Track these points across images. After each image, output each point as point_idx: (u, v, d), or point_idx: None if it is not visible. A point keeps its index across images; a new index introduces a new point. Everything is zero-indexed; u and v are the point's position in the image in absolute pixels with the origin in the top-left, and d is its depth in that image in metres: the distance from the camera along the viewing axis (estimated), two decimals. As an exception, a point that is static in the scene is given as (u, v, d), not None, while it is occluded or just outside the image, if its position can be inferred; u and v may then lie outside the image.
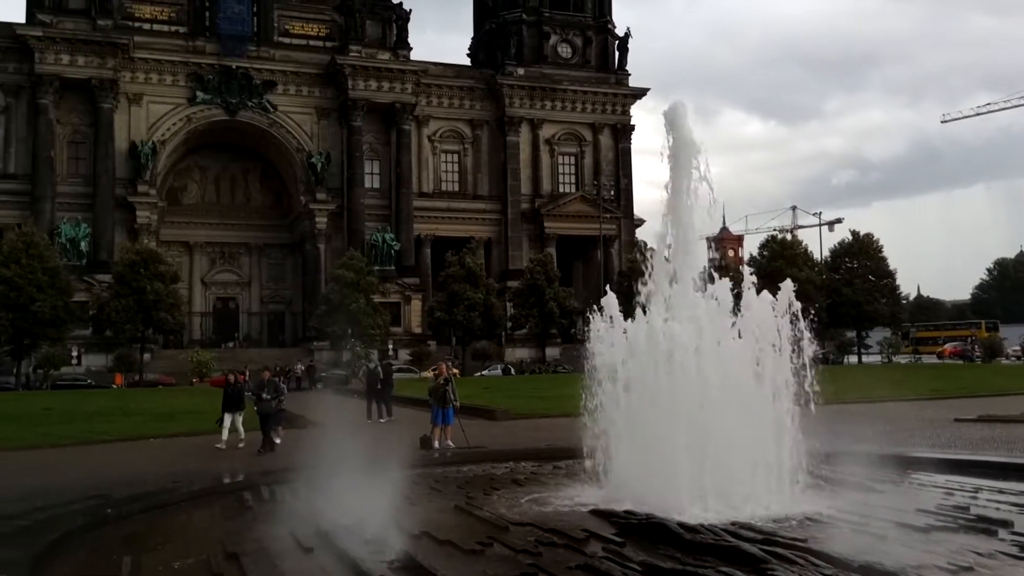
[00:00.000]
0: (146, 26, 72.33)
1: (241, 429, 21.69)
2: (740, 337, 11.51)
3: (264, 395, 21.30)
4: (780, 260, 74.48)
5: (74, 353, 62.65)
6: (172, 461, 19.05)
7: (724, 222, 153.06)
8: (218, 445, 20.92)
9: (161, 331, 64.07)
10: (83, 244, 67.17)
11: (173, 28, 73.28)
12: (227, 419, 21.46)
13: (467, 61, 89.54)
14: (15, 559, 8.99)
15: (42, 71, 67.44)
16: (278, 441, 21.33)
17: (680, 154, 12.73)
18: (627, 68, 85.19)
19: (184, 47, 73.12)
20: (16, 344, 57.30)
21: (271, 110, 74.74)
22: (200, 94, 72.88)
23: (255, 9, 74.59)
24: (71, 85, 68.61)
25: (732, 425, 11.05)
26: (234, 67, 73.25)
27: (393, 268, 73.92)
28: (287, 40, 76.10)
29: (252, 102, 74.01)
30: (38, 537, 10.06)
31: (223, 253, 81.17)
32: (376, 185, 77.09)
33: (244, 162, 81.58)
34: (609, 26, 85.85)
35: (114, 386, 57.80)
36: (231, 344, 75.36)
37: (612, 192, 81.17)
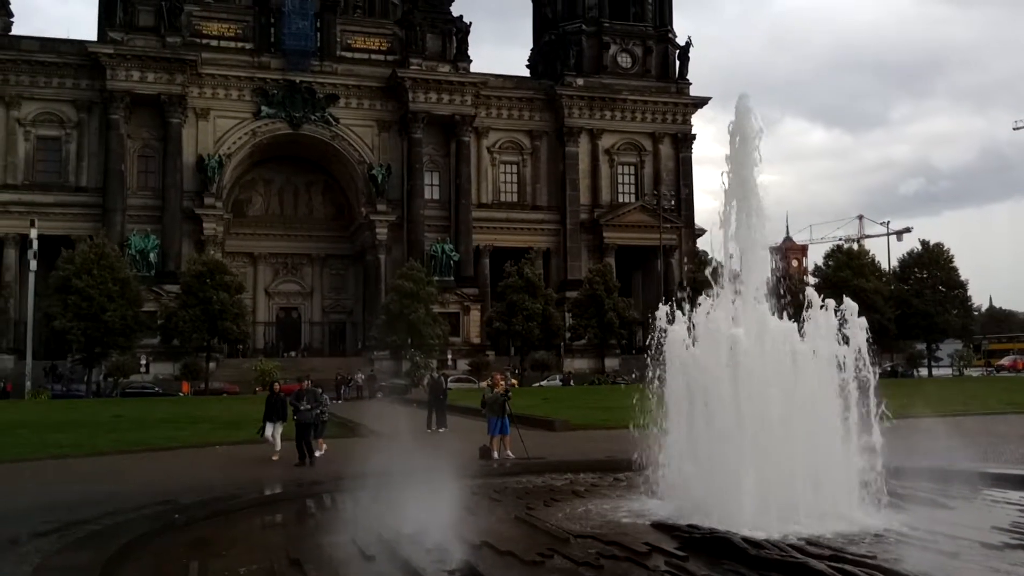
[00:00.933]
0: (213, 42, 74.16)
1: (278, 440, 21.03)
2: (807, 349, 11.29)
3: (302, 405, 20.56)
4: (846, 270, 73.05)
5: (143, 361, 64.25)
6: (236, 468, 19.38)
7: (787, 232, 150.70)
8: (273, 457, 20.59)
9: (226, 340, 65.35)
10: (152, 255, 68.97)
11: (239, 44, 74.99)
12: (269, 428, 20.94)
13: (526, 73, 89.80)
14: (87, 563, 9.23)
15: (113, 87, 69.57)
16: (318, 453, 20.85)
17: (742, 162, 12.56)
18: (687, 77, 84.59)
19: (250, 63, 74.74)
20: (88, 352, 59.02)
21: (333, 123, 75.92)
22: (265, 108, 74.41)
23: (318, 24, 75.94)
24: (141, 101, 70.63)
25: (798, 438, 10.84)
26: (298, 81, 74.64)
27: (452, 278, 74.35)
28: (349, 54, 77.28)
29: (315, 116, 75.28)
30: (109, 541, 10.31)
31: (286, 264, 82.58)
32: (436, 196, 77.70)
33: (307, 174, 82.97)
34: (670, 35, 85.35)
35: (181, 394, 59.08)
36: (293, 353, 76.54)
37: (672, 202, 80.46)
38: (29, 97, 70.28)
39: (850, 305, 11.38)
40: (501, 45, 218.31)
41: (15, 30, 77.69)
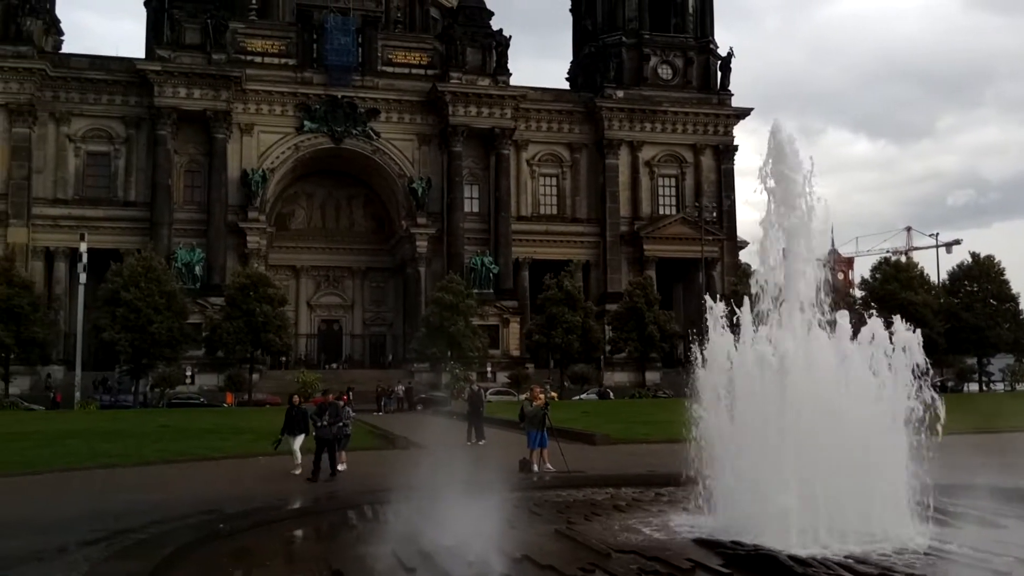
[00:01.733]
0: (257, 59, 75.36)
1: (298, 453, 20.49)
2: (855, 363, 11.11)
3: (322, 420, 19.90)
4: (894, 283, 71.87)
5: (188, 372, 65.22)
6: (278, 479, 19.55)
7: (833, 243, 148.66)
8: (294, 471, 20.12)
9: (269, 352, 66.10)
10: (197, 268, 70.07)
11: (283, 60, 76.11)
12: (291, 441, 20.46)
13: (565, 86, 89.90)
14: (134, 571, 9.35)
15: (161, 104, 70.97)
16: (341, 467, 20.49)
17: (786, 174, 12.42)
18: (729, 88, 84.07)
19: (293, 78, 75.82)
20: (135, 364, 60.06)
21: (374, 137, 76.66)
22: (307, 123, 75.37)
23: (360, 40, 76.84)
24: (187, 117, 71.96)
25: (846, 454, 10.66)
26: (340, 96, 75.53)
27: (492, 291, 74.48)
28: (390, 69, 78.04)
29: (356, 130, 76.09)
30: (155, 550, 10.45)
31: (328, 277, 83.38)
32: (475, 209, 78.00)
33: (348, 188, 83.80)
34: (711, 46, 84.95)
35: (225, 405, 59.82)
36: (334, 365, 77.14)
37: (714, 214, 79.84)
38: (79, 114, 71.94)
39: (899, 320, 11.21)
40: (540, 59, 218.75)
41: (65, 48, 79.87)
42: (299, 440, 20.47)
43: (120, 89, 72.45)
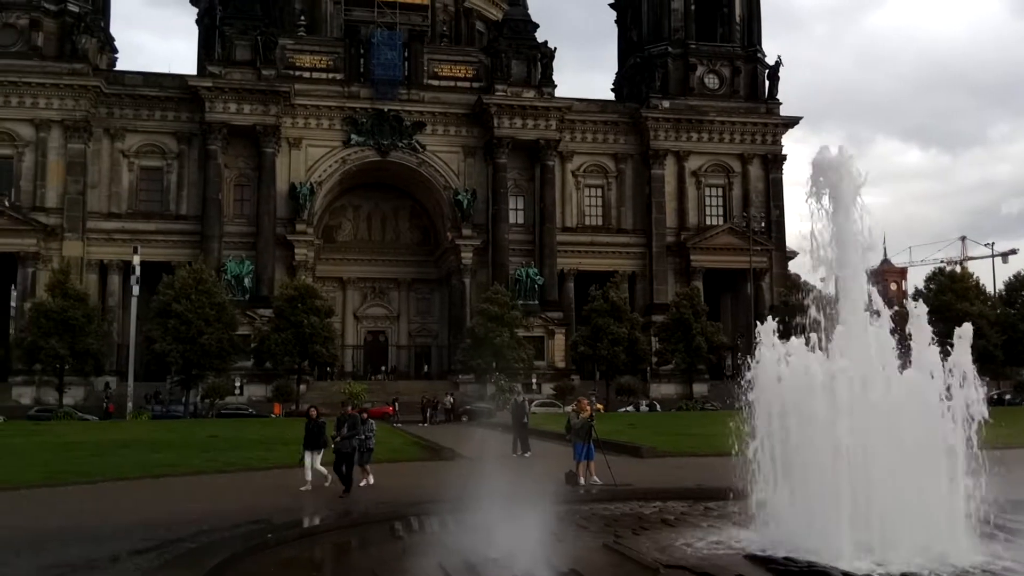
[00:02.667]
0: (305, 74, 76.41)
1: (322, 468, 19.77)
2: (908, 375, 10.84)
3: (340, 433, 19.24)
4: (949, 294, 70.31)
5: (237, 383, 66.07)
6: (325, 489, 19.65)
7: (885, 254, 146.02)
8: (303, 487, 19.38)
9: (316, 363, 66.72)
10: (246, 280, 71.04)
11: (330, 75, 77.09)
12: (307, 458, 19.67)
13: (610, 97, 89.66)
14: (183, 580, 9.44)
15: (212, 119, 72.29)
16: (362, 484, 19.84)
17: (837, 185, 12.22)
18: (777, 97, 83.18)
19: (340, 93, 76.73)
20: (185, 374, 61.03)
21: (420, 150, 77.21)
22: (354, 136, 76.19)
23: (406, 54, 77.55)
24: (237, 131, 73.17)
25: (901, 468, 10.40)
26: (386, 110, 76.24)
27: (536, 302, 74.39)
28: (436, 82, 78.60)
29: (402, 143, 76.72)
30: (205, 559, 10.55)
31: (374, 288, 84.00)
32: (520, 220, 78.06)
33: (394, 200, 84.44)
34: (758, 55, 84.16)
35: (273, 415, 60.43)
36: (380, 376, 77.63)
37: (762, 224, 78.87)
38: (133, 130, 73.57)
39: (966, 331, 10.92)
40: (584, 71, 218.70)
41: (119, 66, 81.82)
42: (316, 456, 19.79)
43: (172, 105, 73.96)
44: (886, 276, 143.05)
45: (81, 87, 70.66)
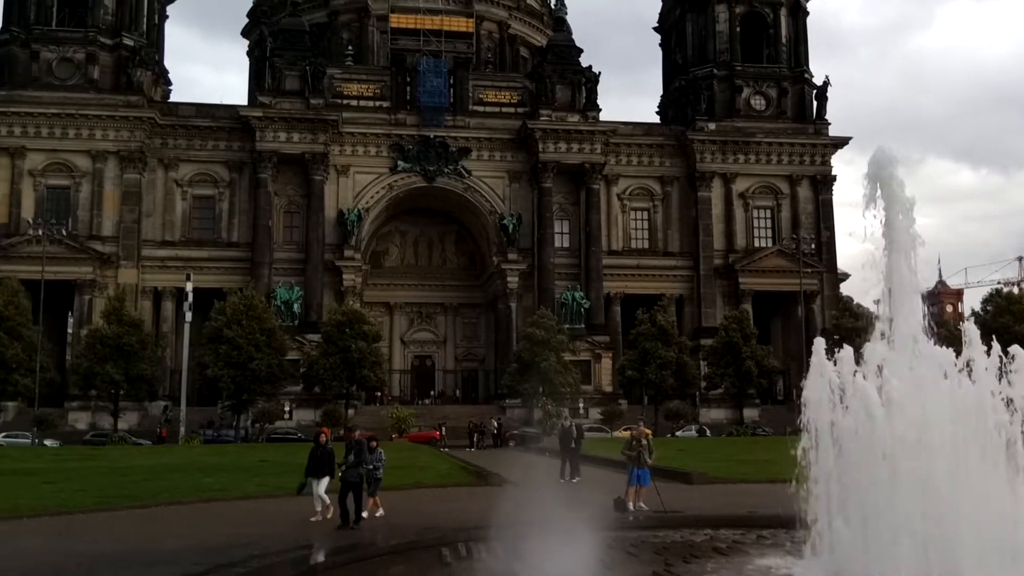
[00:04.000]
0: (353, 102, 77.55)
1: (325, 497, 18.57)
2: (969, 399, 10.52)
3: (346, 461, 18.08)
4: (1007, 315, 68.35)
5: (286, 408, 66.69)
6: (373, 515, 19.62)
7: (940, 275, 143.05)
8: (313, 518, 18.47)
9: (364, 388, 67.10)
10: (296, 306, 71.90)
11: (377, 103, 78.14)
12: (314, 486, 18.55)
13: (655, 120, 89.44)
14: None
15: (262, 148, 73.63)
16: (377, 514, 18.92)
17: (889, 202, 11.98)
18: (826, 117, 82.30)
19: (387, 120, 77.70)
20: (236, 399, 61.79)
21: (466, 175, 77.72)
22: (401, 163, 77.01)
23: (452, 81, 78.36)
24: (287, 160, 74.42)
25: (960, 495, 10.06)
26: (432, 136, 77.00)
27: (583, 326, 74.09)
28: (481, 108, 79.21)
29: (448, 168, 77.33)
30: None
31: (421, 313, 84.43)
32: (566, 244, 77.99)
33: (440, 225, 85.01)
34: (806, 75, 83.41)
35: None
36: (427, 400, 77.80)
37: (812, 246, 77.72)
38: (186, 159, 75.22)
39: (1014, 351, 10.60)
40: (627, 96, 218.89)
41: (173, 98, 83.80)
42: (323, 484, 18.51)
43: (224, 135, 75.50)
44: (941, 297, 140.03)
45: (136, 118, 72.48)
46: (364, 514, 18.44)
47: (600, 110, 78.56)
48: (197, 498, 23.00)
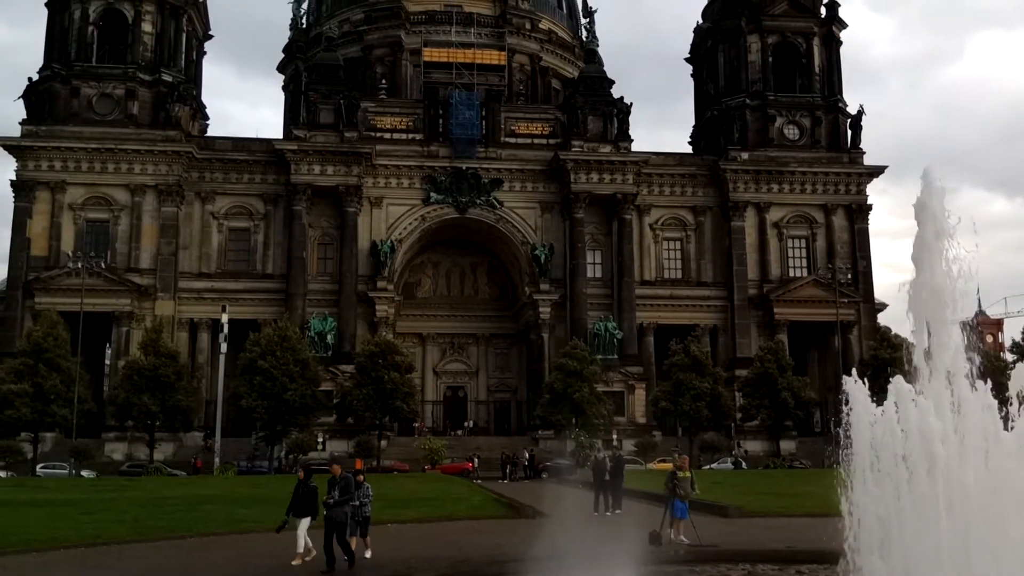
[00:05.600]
0: (386, 135, 78.40)
1: (302, 539, 17.31)
2: (1014, 434, 10.25)
3: (331, 497, 16.92)
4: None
5: (320, 439, 66.75)
6: (407, 546, 19.52)
7: (980, 305, 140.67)
8: (294, 561, 17.23)
9: (396, 418, 67.07)
10: (329, 337, 72.26)
11: (410, 135, 78.92)
12: (296, 524, 17.30)
13: (686, 151, 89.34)
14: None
15: (297, 181, 74.56)
16: (364, 554, 17.75)
17: (928, 232, 11.81)
18: (860, 146, 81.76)
19: (419, 152, 78.40)
20: (270, 430, 62.05)
21: (498, 206, 78.04)
22: (433, 195, 77.55)
23: (483, 113, 78.99)
24: (321, 192, 75.27)
25: (1007, 530, 9.77)
26: (464, 168, 77.51)
27: (616, 357, 73.65)
28: (512, 140, 79.65)
29: (480, 200, 77.73)
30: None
31: (453, 344, 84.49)
32: (598, 275, 77.82)
33: (472, 256, 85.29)
34: (840, 104, 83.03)
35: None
36: (459, 432, 77.58)
37: (848, 275, 76.82)
38: (222, 192, 76.30)
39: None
40: (657, 128, 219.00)
41: (210, 133, 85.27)
42: (305, 523, 17.32)
43: (260, 168, 76.57)
44: (982, 327, 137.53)
45: (174, 153, 73.75)
46: (367, 554, 17.39)
47: (632, 140, 78.71)
48: (232, 529, 23.05)
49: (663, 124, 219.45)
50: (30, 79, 73.92)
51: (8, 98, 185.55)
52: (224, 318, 63.37)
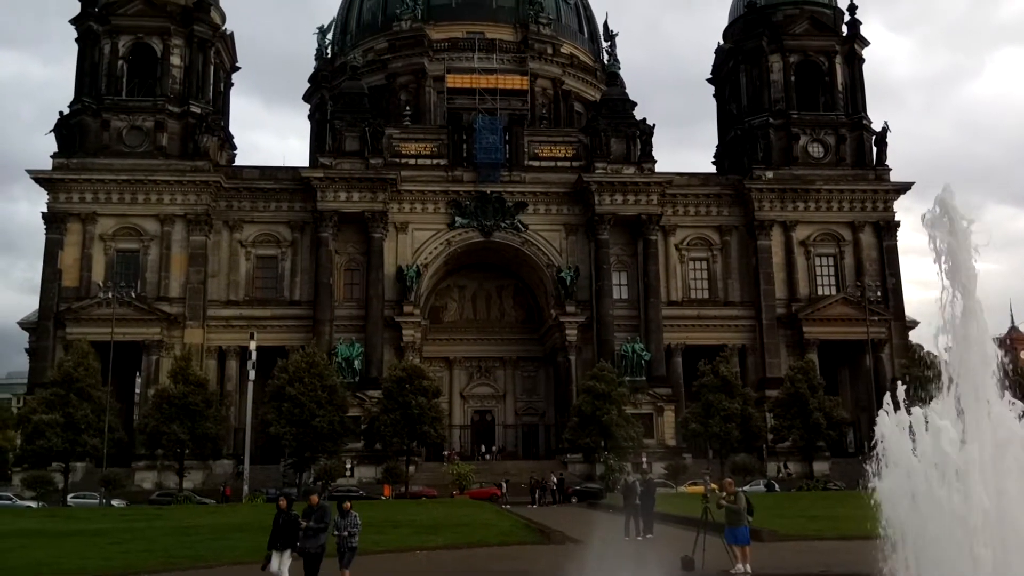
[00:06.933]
0: (411, 161, 78.94)
1: (287, 571, 16.28)
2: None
3: (307, 525, 15.97)
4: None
5: (348, 465, 66.74)
6: (435, 574, 19.34)
7: (1012, 321, 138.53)
8: None
9: (424, 444, 66.92)
10: (356, 362, 72.46)
11: (435, 161, 79.41)
12: (275, 560, 16.19)
13: (710, 171, 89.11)
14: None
15: (323, 208, 75.17)
16: None
17: (955, 246, 11.61)
18: (886, 163, 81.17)
19: (444, 177, 78.80)
20: (298, 457, 62.11)
21: (522, 229, 78.16)
22: (458, 219, 77.85)
23: (507, 138, 79.34)
24: (347, 218, 75.81)
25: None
26: (488, 192, 77.80)
27: (644, 378, 73.17)
28: (536, 163, 79.88)
29: (505, 223, 77.90)
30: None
31: (480, 367, 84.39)
32: (624, 296, 77.52)
33: (498, 279, 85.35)
34: (864, 121, 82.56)
35: (382, 497, 60.61)
36: (487, 456, 77.27)
37: (878, 293, 75.96)
38: (250, 220, 77.05)
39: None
40: (678, 150, 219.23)
41: (237, 162, 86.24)
42: (285, 557, 16.29)
43: (286, 196, 77.28)
44: (1015, 344, 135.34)
45: (203, 183, 74.63)
46: None
47: (655, 161, 78.65)
48: (257, 559, 22.94)
49: (684, 146, 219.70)
50: (61, 113, 75.30)
51: (40, 132, 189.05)
52: (252, 345, 63.64)
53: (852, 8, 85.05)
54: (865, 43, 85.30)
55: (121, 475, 63.72)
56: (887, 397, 11.18)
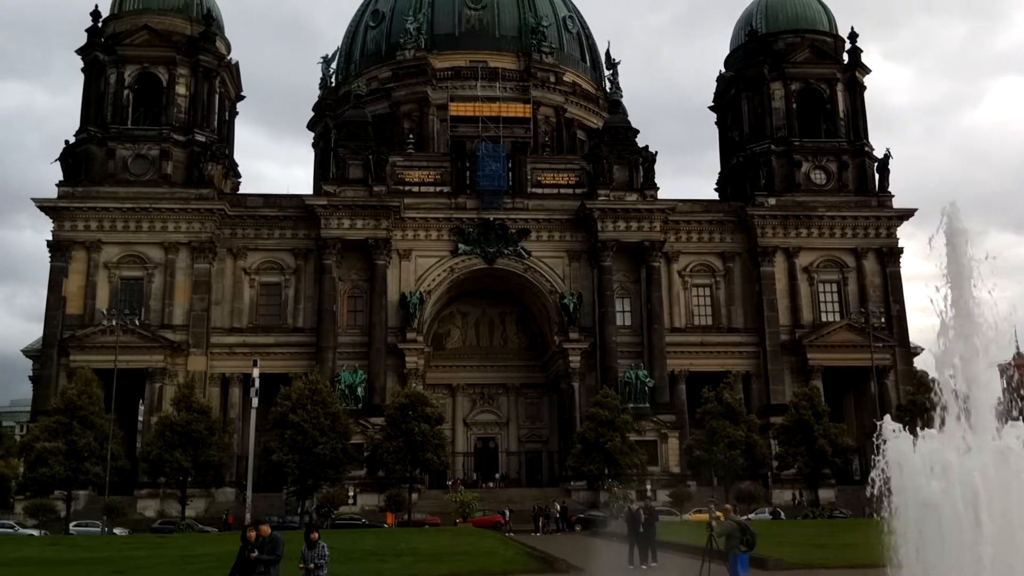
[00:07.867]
0: (414, 188, 79.27)
1: None
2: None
3: (256, 557, 15.14)
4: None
5: (351, 493, 66.36)
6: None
7: (1017, 347, 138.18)
8: None
9: (427, 471, 66.60)
10: (359, 389, 72.31)
11: (438, 188, 79.74)
12: None
13: (712, 198, 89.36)
14: None
15: (327, 235, 75.40)
16: None
17: (958, 271, 11.65)
18: (888, 189, 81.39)
19: (447, 204, 79.09)
20: (301, 484, 61.79)
21: (525, 256, 78.30)
22: (461, 246, 78.02)
23: (510, 165, 79.72)
24: (350, 246, 76.00)
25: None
26: (491, 219, 78.02)
27: (648, 405, 72.92)
28: (539, 190, 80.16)
29: (508, 250, 78.05)
30: None
31: (483, 394, 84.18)
32: (627, 322, 77.47)
33: (501, 306, 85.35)
34: (866, 148, 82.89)
35: (385, 525, 60.25)
36: (491, 484, 76.86)
37: (882, 319, 75.85)
38: (254, 248, 77.27)
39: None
40: (680, 178, 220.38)
41: (241, 190, 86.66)
42: None
43: (290, 224, 77.54)
44: (1019, 370, 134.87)
45: (207, 210, 74.91)
46: None
47: (658, 188, 78.95)
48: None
49: (687, 173, 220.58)
50: (67, 142, 75.81)
51: (45, 161, 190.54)
52: (255, 372, 63.24)
53: (853, 36, 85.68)
54: (866, 70, 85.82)
55: (123, 503, 63.42)
56: (885, 420, 11.14)
